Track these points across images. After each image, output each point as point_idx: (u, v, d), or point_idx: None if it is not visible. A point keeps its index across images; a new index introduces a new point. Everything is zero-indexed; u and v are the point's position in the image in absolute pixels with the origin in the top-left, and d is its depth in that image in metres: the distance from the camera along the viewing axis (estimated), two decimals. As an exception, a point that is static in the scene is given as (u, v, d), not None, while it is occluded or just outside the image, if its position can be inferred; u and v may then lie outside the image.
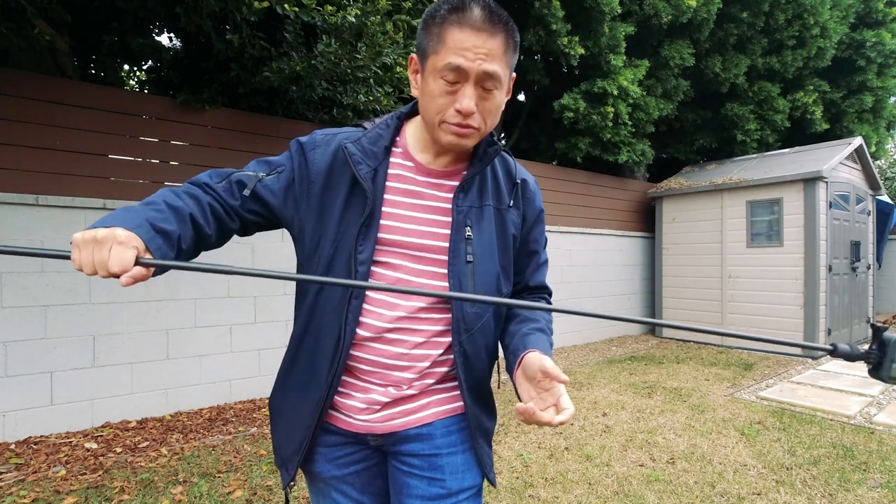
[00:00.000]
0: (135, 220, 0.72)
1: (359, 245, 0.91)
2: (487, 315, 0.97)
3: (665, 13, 6.21)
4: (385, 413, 0.93)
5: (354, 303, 0.91)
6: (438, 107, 0.87)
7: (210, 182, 0.92)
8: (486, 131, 0.92)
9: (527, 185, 1.04)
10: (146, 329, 3.44)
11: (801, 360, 5.49)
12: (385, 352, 0.92)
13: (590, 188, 6.70)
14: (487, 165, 0.98)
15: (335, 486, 0.99)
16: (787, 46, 7.69)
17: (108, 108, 3.38)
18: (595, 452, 2.97)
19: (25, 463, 2.71)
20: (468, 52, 0.82)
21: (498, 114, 0.92)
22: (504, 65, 0.86)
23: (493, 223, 0.98)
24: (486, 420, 1.00)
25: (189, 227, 0.82)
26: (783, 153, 6.86)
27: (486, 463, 0.99)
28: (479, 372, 0.97)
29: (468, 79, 0.84)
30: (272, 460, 2.79)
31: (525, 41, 5.74)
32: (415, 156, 0.98)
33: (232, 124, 3.90)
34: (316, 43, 3.51)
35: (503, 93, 0.90)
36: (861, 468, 2.77)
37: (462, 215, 0.94)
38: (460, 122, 0.86)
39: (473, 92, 0.85)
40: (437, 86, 0.85)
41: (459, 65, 0.82)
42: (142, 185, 3.50)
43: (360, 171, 0.92)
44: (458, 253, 0.93)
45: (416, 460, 0.94)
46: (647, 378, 4.73)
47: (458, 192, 0.95)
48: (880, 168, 15.35)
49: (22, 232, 3.02)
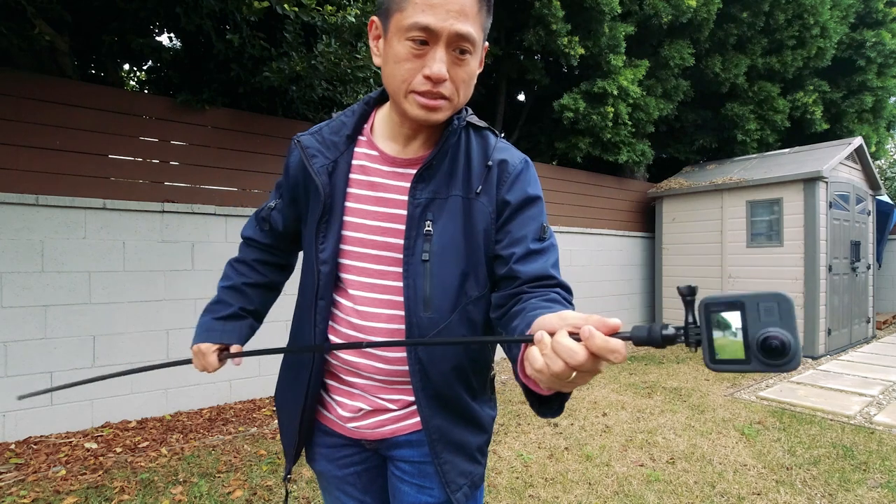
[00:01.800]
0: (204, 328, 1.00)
1: (319, 244, 0.88)
2: (447, 323, 0.84)
3: (665, 13, 6.21)
4: (373, 420, 0.91)
5: (320, 304, 0.89)
6: (405, 73, 0.76)
7: (251, 234, 1.06)
8: (459, 104, 0.81)
9: (505, 167, 0.86)
10: (146, 329, 3.44)
11: (802, 360, 5.48)
12: (356, 361, 0.89)
13: (590, 188, 6.70)
14: (451, 145, 0.85)
15: (338, 486, 0.99)
16: (787, 46, 7.69)
17: (108, 108, 3.38)
18: (595, 452, 2.97)
19: (25, 463, 2.71)
20: (438, 10, 0.71)
21: (471, 84, 0.81)
22: (478, 26, 0.76)
23: (460, 216, 0.84)
24: (460, 432, 0.89)
25: (246, 293, 1.05)
26: (783, 153, 6.86)
27: (452, 480, 0.87)
28: (440, 380, 0.86)
29: (438, 40, 0.73)
30: (272, 460, 2.79)
31: (525, 41, 5.75)
32: (379, 144, 0.89)
33: (232, 124, 3.90)
34: (316, 43, 3.51)
35: (476, 60, 0.80)
36: (861, 468, 2.77)
37: (419, 208, 0.84)
38: (430, 89, 0.76)
39: (445, 55, 0.74)
40: (403, 48, 0.75)
41: (428, 24, 0.72)
42: (142, 185, 3.50)
43: (314, 165, 0.87)
44: (414, 251, 0.83)
45: (407, 466, 0.92)
46: (647, 378, 4.73)
47: (416, 181, 0.84)
48: (880, 168, 15.35)
49: (22, 232, 3.02)
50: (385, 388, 0.90)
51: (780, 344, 0.45)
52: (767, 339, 0.45)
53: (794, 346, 0.45)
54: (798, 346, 0.45)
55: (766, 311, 0.46)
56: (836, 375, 4.80)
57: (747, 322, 0.46)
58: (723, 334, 0.48)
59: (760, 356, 0.45)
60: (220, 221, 3.74)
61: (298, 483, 2.52)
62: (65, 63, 3.65)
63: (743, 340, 0.46)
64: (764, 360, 0.45)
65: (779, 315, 0.45)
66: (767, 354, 0.45)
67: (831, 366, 5.22)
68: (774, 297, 0.46)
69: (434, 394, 0.86)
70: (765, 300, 0.46)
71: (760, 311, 0.46)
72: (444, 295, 0.83)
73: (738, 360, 0.47)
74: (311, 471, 2.63)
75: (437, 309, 0.83)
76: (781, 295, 0.46)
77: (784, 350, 0.44)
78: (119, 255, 3.34)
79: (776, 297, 0.46)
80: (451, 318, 0.84)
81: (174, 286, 3.55)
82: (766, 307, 0.46)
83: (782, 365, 0.45)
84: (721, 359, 0.48)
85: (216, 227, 3.72)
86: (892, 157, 15.71)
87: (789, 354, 0.45)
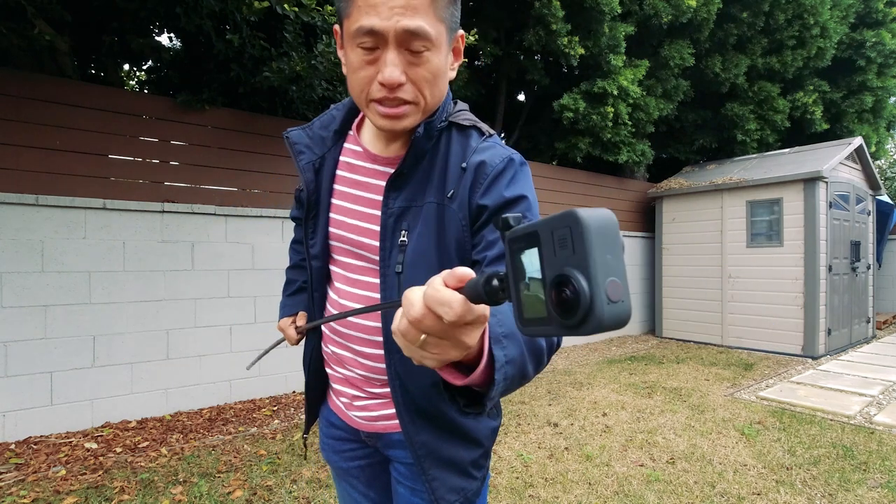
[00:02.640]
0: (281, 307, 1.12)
1: (309, 240, 0.90)
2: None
3: (665, 13, 6.21)
4: (366, 403, 0.91)
5: (315, 296, 0.93)
6: (361, 82, 0.72)
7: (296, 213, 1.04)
8: (430, 106, 0.75)
9: (482, 169, 0.77)
10: (146, 329, 3.44)
11: (802, 360, 5.49)
12: (342, 354, 0.91)
13: (590, 188, 6.70)
14: (425, 150, 0.79)
15: (343, 478, 1.02)
16: (787, 46, 7.69)
17: (108, 108, 3.38)
18: (595, 452, 2.97)
19: (25, 463, 2.70)
20: (381, 8, 0.66)
21: (439, 81, 0.74)
22: (433, 18, 0.68)
23: (434, 224, 0.78)
24: (449, 448, 0.84)
25: (305, 268, 1.04)
26: (783, 153, 6.86)
27: (441, 497, 0.83)
28: (421, 395, 0.82)
29: (387, 42, 0.68)
30: (272, 460, 2.79)
31: (525, 41, 5.75)
32: (364, 141, 0.87)
33: (232, 124, 3.90)
34: (316, 43, 3.51)
35: (441, 55, 0.72)
36: (861, 468, 2.77)
37: (393, 218, 0.79)
38: (386, 95, 0.71)
39: (397, 57, 0.69)
40: (356, 56, 0.70)
41: (372, 26, 0.66)
42: (142, 185, 3.50)
43: (300, 162, 0.86)
44: (390, 262, 0.80)
45: (402, 467, 0.91)
46: (647, 378, 4.73)
47: (389, 189, 0.80)
48: (880, 168, 15.35)
49: (22, 232, 3.02)
50: (369, 382, 0.90)
51: (572, 293, 0.30)
52: (559, 286, 0.31)
53: (583, 295, 0.29)
54: (594, 293, 0.29)
55: (560, 241, 0.31)
56: (836, 375, 4.80)
57: (544, 262, 0.33)
58: (527, 284, 0.35)
59: (556, 312, 0.32)
60: (220, 221, 3.74)
61: (298, 483, 2.52)
62: (65, 63, 3.65)
63: (543, 290, 0.33)
64: (560, 319, 0.31)
65: (572, 246, 0.30)
66: (561, 309, 0.31)
67: (831, 366, 5.22)
68: (564, 219, 0.31)
69: (416, 409, 0.82)
70: (558, 225, 0.31)
71: (555, 243, 0.32)
72: None
73: (541, 320, 0.33)
74: (311, 471, 2.63)
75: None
76: (572, 214, 0.31)
77: (575, 303, 0.30)
78: (119, 255, 3.34)
79: (566, 218, 0.31)
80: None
81: (174, 286, 3.55)
82: (560, 236, 0.31)
83: (575, 326, 0.30)
84: (528, 317, 0.35)
85: (216, 227, 3.72)
86: (892, 157, 15.71)
87: (580, 309, 0.29)
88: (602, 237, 0.30)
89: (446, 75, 0.76)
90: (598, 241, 0.30)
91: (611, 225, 0.30)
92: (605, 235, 0.30)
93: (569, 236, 0.30)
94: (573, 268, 0.30)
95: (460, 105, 0.87)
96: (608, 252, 0.30)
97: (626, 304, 0.30)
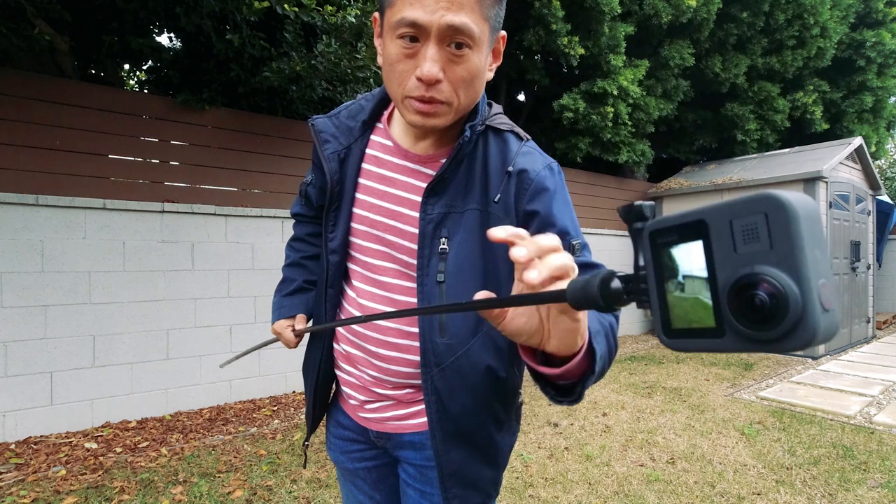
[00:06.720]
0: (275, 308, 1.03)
1: (328, 233, 0.86)
2: (467, 349, 0.77)
3: (665, 13, 6.21)
4: (383, 415, 0.89)
5: (330, 292, 0.89)
6: (399, 76, 0.69)
7: (298, 210, 1.07)
8: (463, 107, 0.73)
9: (524, 175, 0.76)
10: (146, 329, 3.44)
11: (801, 360, 5.49)
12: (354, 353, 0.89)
13: (590, 188, 6.70)
14: (464, 154, 0.77)
15: (349, 479, 1.01)
16: (787, 46, 7.69)
17: (108, 108, 3.38)
18: (595, 452, 2.97)
19: (25, 463, 2.70)
20: (426, 1, 0.64)
21: (476, 83, 0.72)
22: (478, 16, 0.66)
23: (478, 231, 0.76)
24: (477, 468, 0.83)
25: (306, 265, 1.05)
26: (783, 153, 6.86)
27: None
28: (461, 413, 0.79)
29: (429, 36, 0.65)
30: (272, 460, 2.79)
31: (525, 41, 5.75)
32: (394, 134, 0.83)
33: (232, 124, 3.90)
34: (316, 43, 3.51)
35: (482, 55, 0.70)
36: (861, 468, 2.77)
37: (431, 224, 0.77)
38: (422, 94, 0.68)
39: (438, 53, 0.66)
40: (395, 47, 0.67)
41: (416, 19, 0.64)
42: (142, 185, 3.50)
43: (325, 151, 0.83)
44: (429, 271, 0.77)
45: (412, 469, 0.89)
46: (647, 378, 4.73)
47: (428, 194, 0.77)
48: (880, 168, 15.35)
49: (22, 232, 3.02)
50: (380, 384, 0.88)
51: (770, 298, 0.23)
52: (745, 289, 0.24)
53: (793, 300, 0.23)
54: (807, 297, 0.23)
55: (746, 232, 0.25)
56: (836, 375, 4.80)
57: (714, 258, 0.26)
58: (680, 284, 0.28)
59: (740, 322, 0.25)
60: (220, 221, 3.74)
61: (298, 483, 2.52)
62: (65, 63, 3.65)
63: (711, 293, 0.26)
64: (745, 331, 0.25)
65: (769, 239, 0.24)
66: (750, 319, 0.24)
67: (831, 366, 5.22)
68: (756, 204, 0.25)
69: (454, 429, 0.80)
70: (741, 213, 0.25)
71: (735, 235, 0.25)
72: (462, 319, 0.77)
73: (707, 331, 0.26)
74: (311, 471, 2.63)
75: (454, 334, 0.77)
76: (771, 198, 0.24)
77: (777, 310, 0.23)
78: (119, 255, 3.34)
79: (760, 203, 0.24)
80: (471, 343, 0.78)
81: (174, 286, 3.55)
82: (746, 226, 0.25)
83: (774, 340, 0.24)
84: (679, 328, 0.28)
85: (216, 227, 3.72)
86: (892, 157, 15.71)
87: (786, 319, 0.23)
88: (810, 228, 0.24)
89: (483, 76, 0.73)
90: (808, 232, 0.23)
91: (816, 214, 0.24)
92: (813, 226, 0.24)
93: (763, 226, 0.24)
94: (773, 266, 0.24)
95: (496, 108, 0.85)
96: (816, 246, 0.24)
97: (837, 312, 0.24)
